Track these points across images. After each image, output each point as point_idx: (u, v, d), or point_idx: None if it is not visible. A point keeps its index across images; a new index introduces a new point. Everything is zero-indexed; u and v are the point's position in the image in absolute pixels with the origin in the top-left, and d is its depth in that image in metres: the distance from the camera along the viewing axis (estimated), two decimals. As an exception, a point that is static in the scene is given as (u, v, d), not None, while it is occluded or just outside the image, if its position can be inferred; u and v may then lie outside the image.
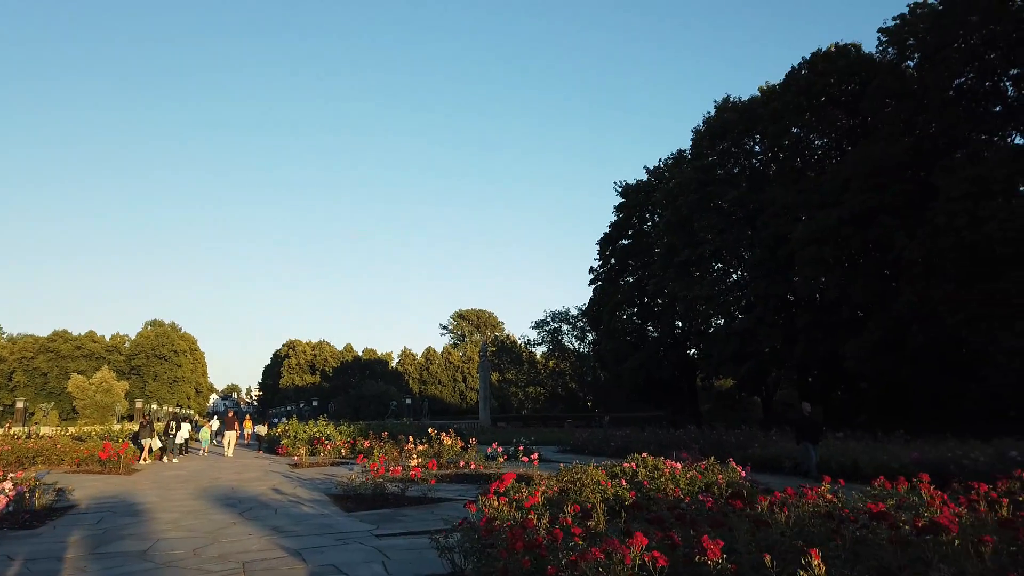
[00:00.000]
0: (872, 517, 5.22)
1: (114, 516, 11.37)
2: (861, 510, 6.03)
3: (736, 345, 41.86)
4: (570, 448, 28.99)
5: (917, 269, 30.29)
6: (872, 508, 5.48)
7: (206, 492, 14.88)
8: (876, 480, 8.59)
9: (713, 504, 7.32)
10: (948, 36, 33.11)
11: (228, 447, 30.11)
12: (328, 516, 11.08)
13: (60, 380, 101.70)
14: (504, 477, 7.29)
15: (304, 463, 22.14)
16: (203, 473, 20.23)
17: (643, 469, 10.58)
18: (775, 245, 40.13)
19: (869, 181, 33.86)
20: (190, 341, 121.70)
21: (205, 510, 12.00)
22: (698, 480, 10.43)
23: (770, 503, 6.53)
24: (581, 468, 10.53)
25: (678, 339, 54.47)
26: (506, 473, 7.71)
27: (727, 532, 5.45)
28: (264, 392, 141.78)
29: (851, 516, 5.80)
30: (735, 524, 5.60)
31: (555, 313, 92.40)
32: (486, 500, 6.75)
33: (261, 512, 11.64)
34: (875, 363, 33.52)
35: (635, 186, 59.92)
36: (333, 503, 12.59)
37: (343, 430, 30.50)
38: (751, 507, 6.44)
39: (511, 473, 7.62)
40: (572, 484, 10.17)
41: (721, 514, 6.24)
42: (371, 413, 79.95)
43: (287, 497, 13.76)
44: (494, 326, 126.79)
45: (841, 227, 34.58)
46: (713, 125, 47.79)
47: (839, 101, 41.54)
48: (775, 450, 17.62)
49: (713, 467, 10.83)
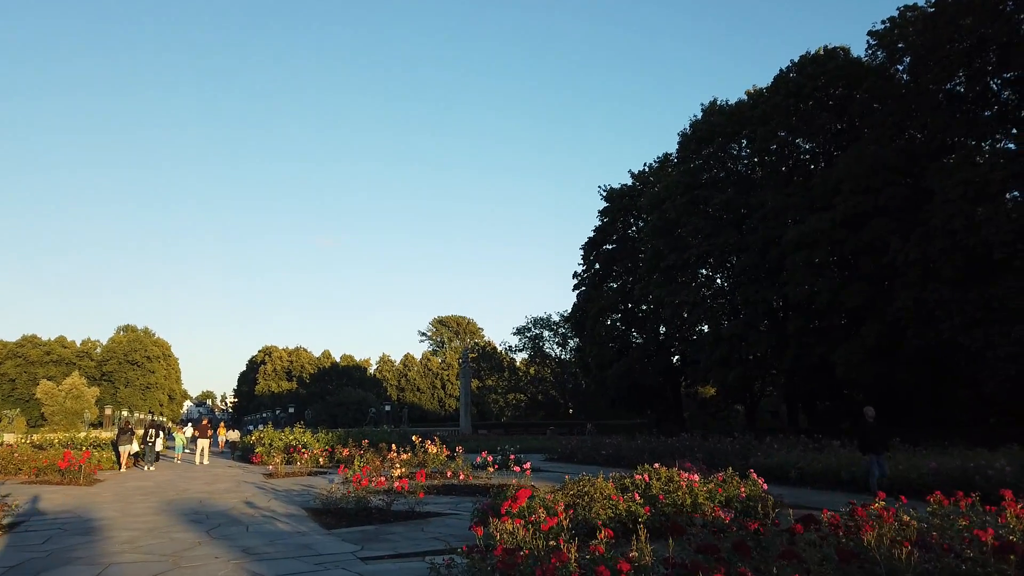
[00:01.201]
0: (996, 552, 4.19)
1: (64, 535, 10.14)
2: (965, 538, 5.01)
3: (724, 351, 41.08)
4: (558, 456, 27.91)
5: (913, 272, 29.66)
6: (981, 536, 4.47)
7: (172, 506, 13.64)
8: (931, 496, 7.60)
9: (761, 526, 6.29)
10: (940, 39, 32.66)
11: (201, 455, 28.81)
12: (306, 534, 9.93)
13: (29, 386, 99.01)
14: (518, 495, 6.23)
15: (279, 473, 20.90)
16: (171, 484, 18.92)
17: (656, 481, 9.56)
18: (764, 249, 39.48)
19: (861, 183, 33.29)
20: (163, 347, 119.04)
21: (168, 527, 10.80)
22: (718, 494, 9.44)
23: (839, 526, 5.52)
24: (588, 480, 9.50)
25: (662, 345, 53.66)
26: (520, 490, 6.65)
27: (799, 565, 4.44)
28: (239, 399, 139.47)
29: (944, 544, 4.80)
30: (808, 555, 4.60)
31: (537, 319, 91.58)
32: (499, 524, 5.69)
33: (231, 530, 10.46)
34: (868, 369, 32.88)
35: (620, 190, 59.24)
36: (311, 518, 11.44)
37: (321, 438, 29.26)
38: (816, 531, 5.43)
39: (525, 490, 6.56)
40: (580, 499, 9.15)
41: (786, 541, 5.21)
42: (349, 420, 78.52)
43: (260, 512, 12.57)
44: (473, 332, 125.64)
45: (833, 230, 33.97)
46: (699, 128, 47.17)
47: (828, 104, 41.07)
48: (779, 459, 16.70)
49: (732, 479, 9.85)
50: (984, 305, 27.36)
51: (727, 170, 46.83)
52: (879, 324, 32.51)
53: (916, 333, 30.13)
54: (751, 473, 10.00)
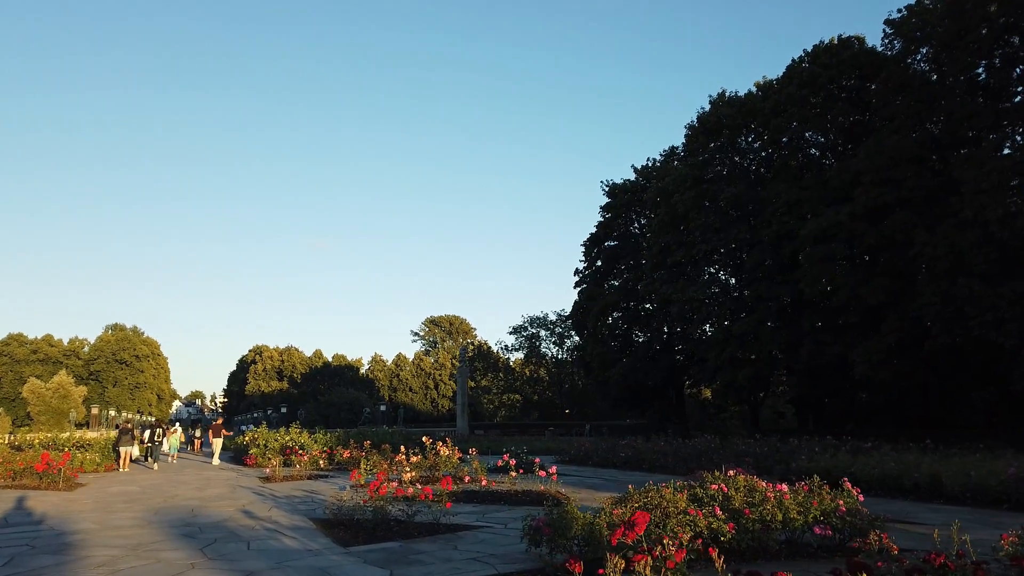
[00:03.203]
0: None
1: (32, 553, 8.59)
2: None
3: (734, 349, 39.68)
4: (569, 459, 26.36)
5: (940, 267, 28.34)
6: None
7: (159, 515, 12.08)
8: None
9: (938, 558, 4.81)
10: (964, 26, 31.45)
11: (214, 455, 28.80)
12: (320, 554, 8.40)
13: (15, 385, 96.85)
14: (635, 519, 4.75)
15: (277, 476, 19.34)
16: (158, 489, 17.32)
17: (737, 492, 8.09)
18: (778, 244, 38.13)
19: (883, 175, 31.98)
20: (152, 346, 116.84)
21: (155, 543, 9.25)
22: (813, 507, 7.96)
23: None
24: (655, 491, 8.02)
25: (667, 344, 52.23)
26: (637, 514, 5.10)
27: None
28: (229, 399, 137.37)
29: None
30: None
31: (533, 318, 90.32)
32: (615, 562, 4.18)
33: (229, 547, 8.92)
34: (888, 368, 31.56)
35: (623, 186, 57.84)
36: (322, 532, 9.90)
37: (319, 439, 27.67)
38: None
39: (643, 514, 4.99)
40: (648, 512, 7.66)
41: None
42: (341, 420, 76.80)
43: (262, 523, 11.03)
44: (466, 332, 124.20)
45: (853, 223, 32.63)
46: (708, 120, 45.81)
47: (841, 96, 39.81)
48: (825, 463, 15.24)
49: (819, 489, 8.38)
50: (1017, 300, 26.08)
51: (736, 163, 45.51)
52: (901, 321, 31.20)
53: (942, 330, 28.80)
54: (844, 482, 8.54)
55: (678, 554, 4.34)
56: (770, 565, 7.09)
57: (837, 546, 8.07)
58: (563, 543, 7.27)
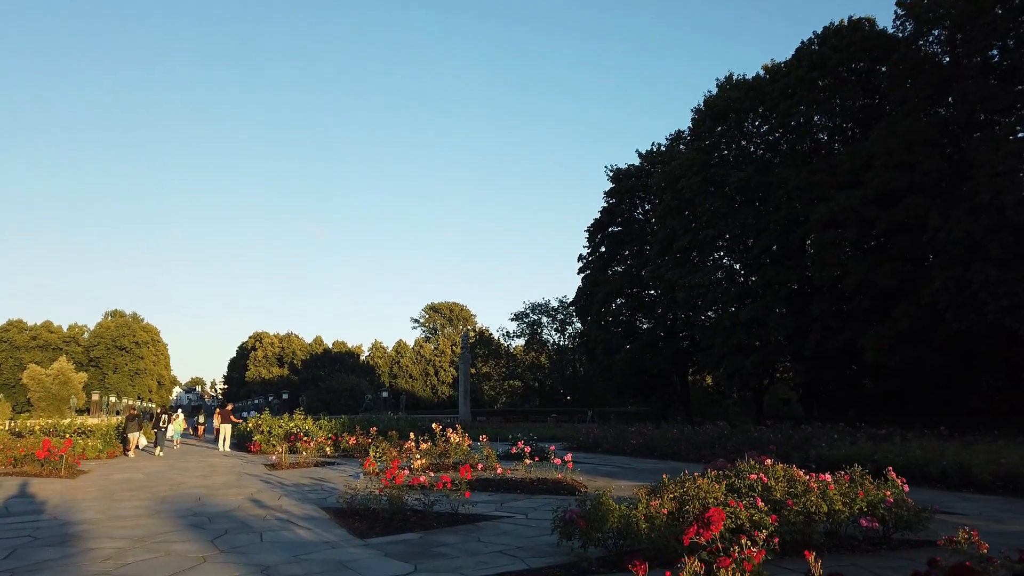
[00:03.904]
0: None
1: (34, 545, 8.19)
2: None
3: (741, 336, 39.29)
4: (577, 445, 25.96)
5: (955, 251, 27.88)
6: None
7: (165, 504, 11.69)
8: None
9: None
10: (980, 6, 30.85)
11: (224, 442, 28.06)
12: (337, 546, 7.99)
13: (15, 371, 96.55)
14: (711, 516, 4.32)
15: (284, 463, 18.97)
16: (162, 476, 16.94)
17: (778, 483, 7.69)
18: (786, 229, 37.67)
19: (896, 158, 31.44)
20: (152, 332, 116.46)
21: (162, 534, 8.86)
22: (858, 498, 7.54)
23: None
24: (691, 481, 7.62)
25: (671, 330, 51.81)
26: (712, 510, 4.64)
27: None
28: (230, 385, 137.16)
29: None
30: None
31: (535, 305, 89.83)
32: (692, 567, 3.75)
33: (241, 538, 8.52)
34: (900, 354, 31.16)
35: (627, 171, 57.24)
36: (336, 522, 9.50)
37: (324, 425, 27.36)
38: None
39: (718, 511, 4.51)
40: (687, 504, 7.27)
41: None
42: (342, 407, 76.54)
43: (272, 512, 10.63)
44: (467, 319, 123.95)
45: (864, 207, 32.13)
46: (715, 104, 45.15)
47: (851, 79, 39.22)
48: (845, 451, 14.84)
49: (861, 479, 7.97)
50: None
51: (744, 147, 44.93)
52: (912, 307, 30.78)
53: (956, 316, 28.37)
54: (889, 471, 8.14)
55: (757, 555, 3.92)
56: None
57: (882, 539, 7.68)
58: (598, 536, 6.89)
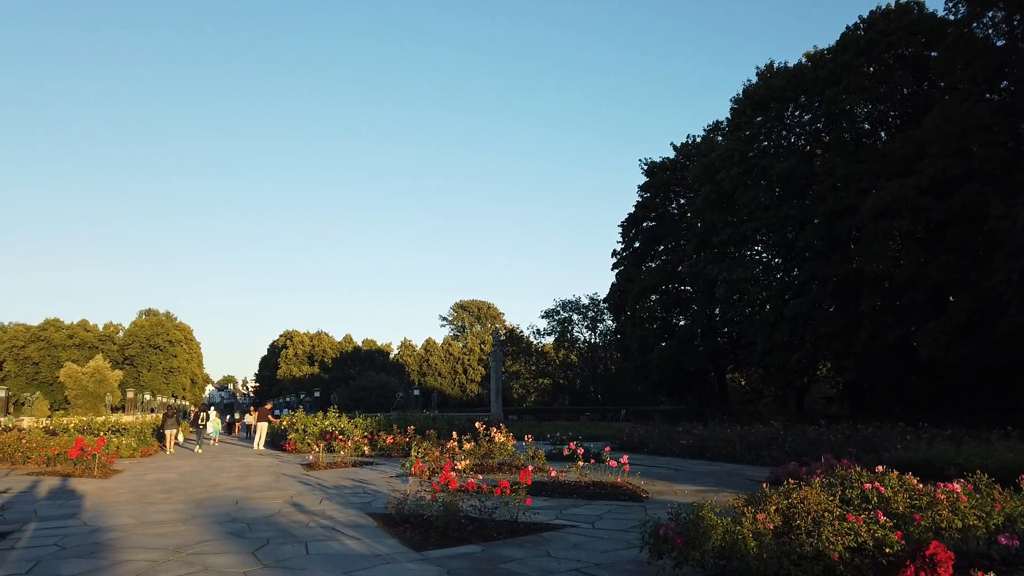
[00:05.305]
0: None
1: (60, 555, 7.48)
2: None
3: (786, 332, 37.95)
4: (619, 445, 24.98)
5: (1019, 241, 26.43)
6: None
7: (201, 508, 10.97)
8: None
9: None
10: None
11: (260, 440, 27.93)
12: (392, 560, 7.16)
13: (52, 370, 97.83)
14: (937, 557, 3.41)
15: (321, 464, 18.28)
16: (197, 476, 16.32)
17: (897, 494, 6.71)
18: (833, 221, 36.30)
19: (951, 145, 30.04)
20: (185, 331, 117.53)
21: (199, 543, 8.10)
22: (996, 512, 6.54)
23: None
24: (797, 490, 6.66)
25: (708, 327, 50.47)
26: (933, 545, 3.75)
27: None
28: (261, 383, 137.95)
29: None
30: None
31: (566, 302, 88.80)
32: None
33: (285, 549, 7.73)
34: (956, 349, 29.73)
35: (662, 164, 56.08)
36: (386, 531, 8.69)
37: (359, 423, 26.66)
38: None
39: (941, 548, 3.66)
40: (795, 518, 6.32)
41: None
42: (373, 405, 76.29)
43: (315, 519, 9.85)
44: (495, 317, 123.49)
45: (919, 197, 30.73)
46: (755, 93, 43.80)
47: (898, 65, 37.67)
48: (925, 454, 13.69)
49: (988, 489, 6.96)
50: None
51: (784, 138, 43.55)
52: (970, 300, 29.36)
53: (1019, 309, 26.94)
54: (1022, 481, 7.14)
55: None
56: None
57: (1015, 558, 6.67)
58: (695, 556, 5.97)
